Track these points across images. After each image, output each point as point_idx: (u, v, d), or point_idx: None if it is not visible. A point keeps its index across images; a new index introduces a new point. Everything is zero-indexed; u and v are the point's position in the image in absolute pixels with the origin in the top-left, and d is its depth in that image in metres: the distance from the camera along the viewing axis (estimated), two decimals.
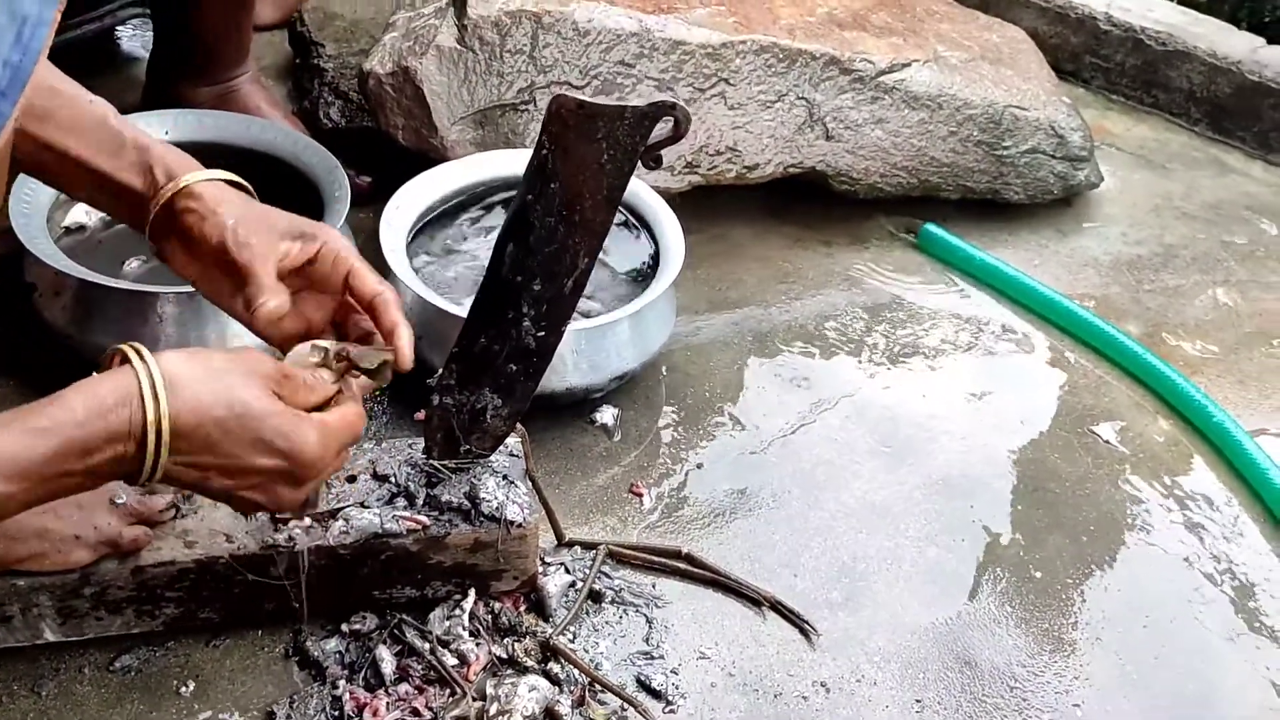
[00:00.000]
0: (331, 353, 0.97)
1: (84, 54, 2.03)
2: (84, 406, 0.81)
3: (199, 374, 0.85)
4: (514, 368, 1.13)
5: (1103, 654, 1.28)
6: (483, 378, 1.13)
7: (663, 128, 1.00)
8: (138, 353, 0.85)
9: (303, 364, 0.96)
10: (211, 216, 0.98)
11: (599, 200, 1.03)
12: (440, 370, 1.14)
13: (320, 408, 0.94)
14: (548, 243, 1.05)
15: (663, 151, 1.00)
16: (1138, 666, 1.27)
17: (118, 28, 2.11)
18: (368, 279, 1.02)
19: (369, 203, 1.78)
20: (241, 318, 1.00)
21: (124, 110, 1.95)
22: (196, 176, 1.00)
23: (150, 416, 0.82)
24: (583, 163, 1.01)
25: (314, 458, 0.90)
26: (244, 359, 0.90)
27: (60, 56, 1.95)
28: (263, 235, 0.98)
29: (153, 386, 0.82)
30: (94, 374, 0.85)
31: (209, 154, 1.60)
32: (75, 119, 0.98)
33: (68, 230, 1.53)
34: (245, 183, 1.06)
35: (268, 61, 2.14)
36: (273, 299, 0.97)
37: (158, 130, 1.57)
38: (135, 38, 2.16)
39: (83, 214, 1.54)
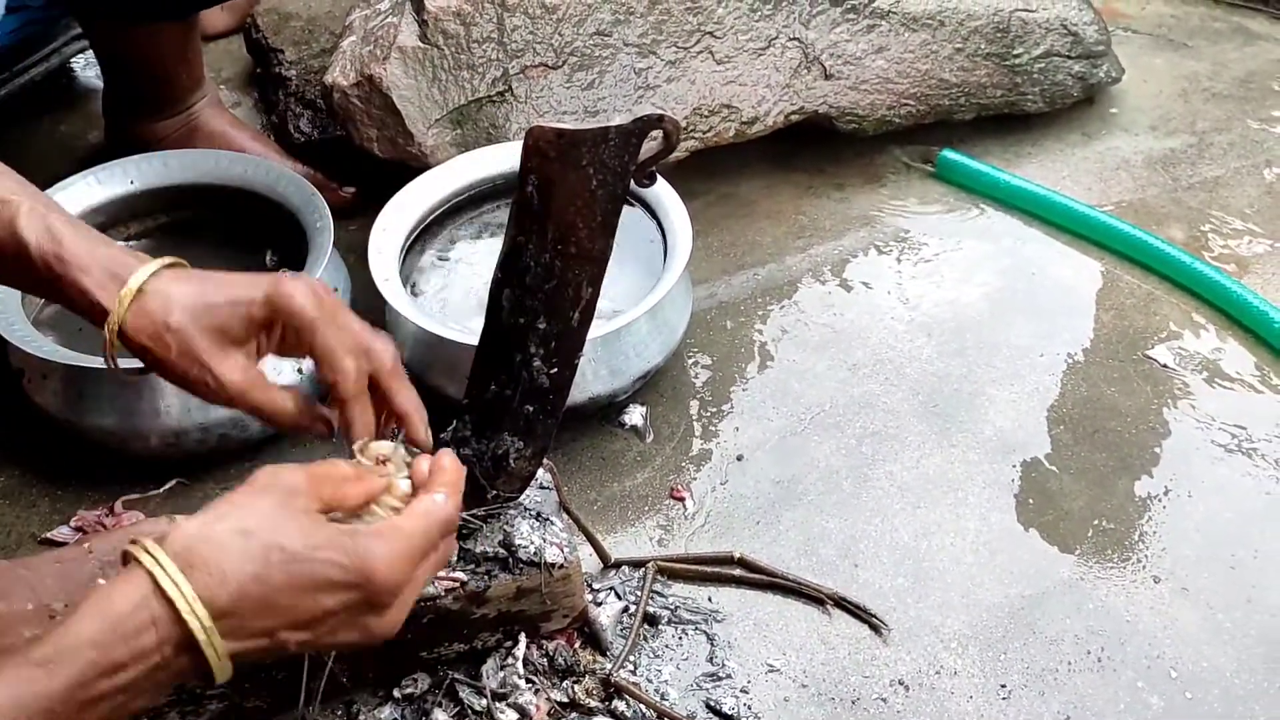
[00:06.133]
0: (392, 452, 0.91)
1: (40, 96, 1.94)
2: (96, 621, 0.70)
3: (220, 536, 0.73)
4: (531, 408, 1.05)
5: (1190, 605, 1.21)
6: (500, 423, 1.06)
7: (652, 142, 0.91)
8: (142, 546, 0.73)
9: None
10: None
11: (594, 228, 0.94)
12: (454, 422, 1.06)
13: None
14: (546, 279, 0.97)
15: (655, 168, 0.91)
16: (1229, 614, 1.20)
17: (71, 60, 2.00)
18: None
19: (355, 215, 1.69)
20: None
21: (90, 151, 1.91)
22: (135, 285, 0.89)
23: (183, 608, 0.70)
24: (572, 193, 0.92)
25: (388, 576, 0.75)
26: (264, 486, 0.76)
27: (17, 101, 1.90)
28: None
29: (170, 579, 0.71)
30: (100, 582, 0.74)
31: (179, 197, 1.54)
32: None
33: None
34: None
35: (228, 73, 2.03)
36: None
37: (122, 181, 1.49)
38: (91, 66, 2.05)
39: None
